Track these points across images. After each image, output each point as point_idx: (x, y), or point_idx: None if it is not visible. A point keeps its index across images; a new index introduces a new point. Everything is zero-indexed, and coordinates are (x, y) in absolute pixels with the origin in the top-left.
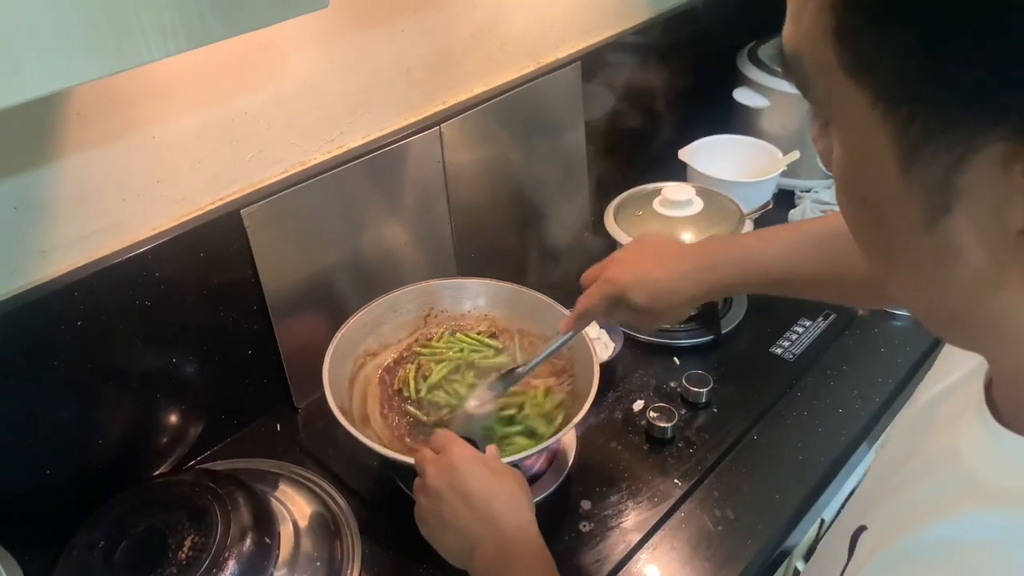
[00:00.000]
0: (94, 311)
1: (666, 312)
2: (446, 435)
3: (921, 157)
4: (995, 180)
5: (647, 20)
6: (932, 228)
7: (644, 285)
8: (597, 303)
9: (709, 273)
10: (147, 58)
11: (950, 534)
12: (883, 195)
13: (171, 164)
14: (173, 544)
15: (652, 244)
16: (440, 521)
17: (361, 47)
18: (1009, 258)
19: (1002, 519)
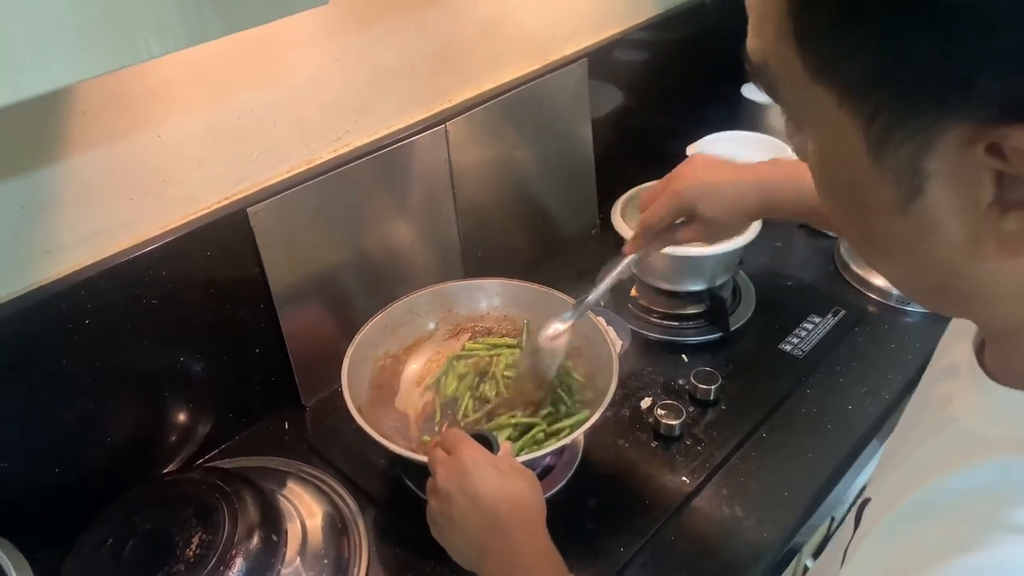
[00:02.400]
0: (101, 310)
1: (729, 225)
2: (457, 435)
3: (889, 146)
4: (961, 160)
5: (654, 16)
6: (907, 210)
7: (712, 195)
8: (664, 215)
9: (773, 188)
10: (146, 55)
11: (949, 487)
12: (858, 184)
13: (177, 163)
14: (181, 542)
15: (713, 160)
16: (450, 523)
17: (366, 45)
18: (983, 230)
19: (1000, 466)
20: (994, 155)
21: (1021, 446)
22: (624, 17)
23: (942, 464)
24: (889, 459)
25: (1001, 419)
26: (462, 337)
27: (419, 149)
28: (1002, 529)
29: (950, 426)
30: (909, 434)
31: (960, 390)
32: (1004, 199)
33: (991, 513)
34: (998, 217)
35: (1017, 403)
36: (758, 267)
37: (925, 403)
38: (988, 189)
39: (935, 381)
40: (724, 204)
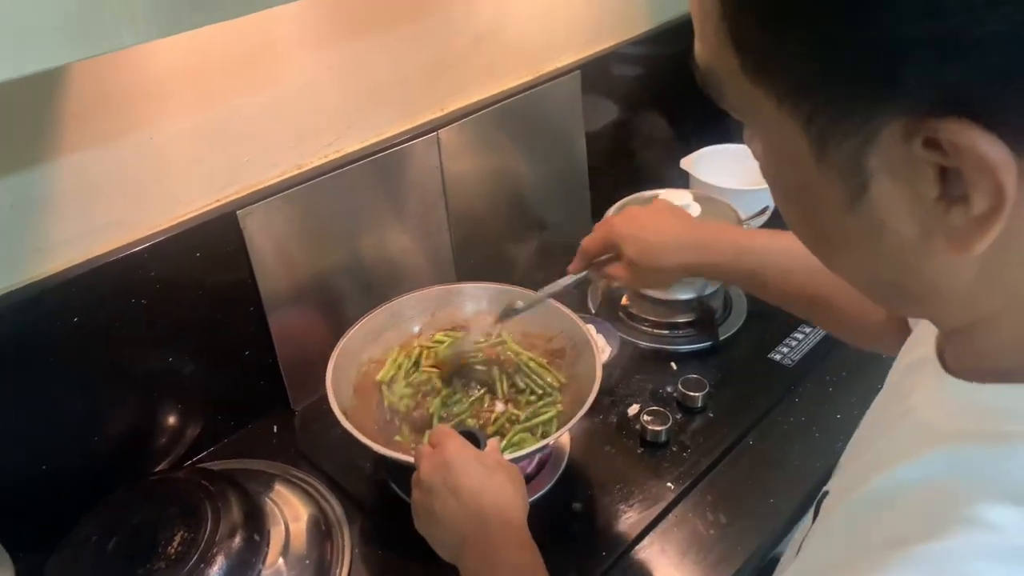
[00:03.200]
0: (91, 308)
1: (650, 273)
2: (444, 430)
3: (830, 146)
4: (901, 156)
5: (648, 30)
6: (855, 209)
7: (638, 240)
8: (595, 244)
9: (699, 251)
10: (118, 44)
11: (902, 477)
12: (805, 185)
13: (168, 165)
14: (163, 540)
15: (663, 213)
16: (431, 515)
17: (359, 52)
18: (931, 226)
19: (948, 455)
20: (933, 149)
21: (970, 437)
22: (617, 30)
23: (897, 455)
24: (850, 453)
25: (954, 410)
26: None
27: (411, 156)
28: (958, 521)
29: (908, 417)
30: (870, 428)
31: (920, 383)
32: (949, 193)
33: (947, 505)
34: (944, 212)
35: (968, 394)
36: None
37: (889, 397)
38: (932, 184)
39: (901, 375)
40: (646, 252)
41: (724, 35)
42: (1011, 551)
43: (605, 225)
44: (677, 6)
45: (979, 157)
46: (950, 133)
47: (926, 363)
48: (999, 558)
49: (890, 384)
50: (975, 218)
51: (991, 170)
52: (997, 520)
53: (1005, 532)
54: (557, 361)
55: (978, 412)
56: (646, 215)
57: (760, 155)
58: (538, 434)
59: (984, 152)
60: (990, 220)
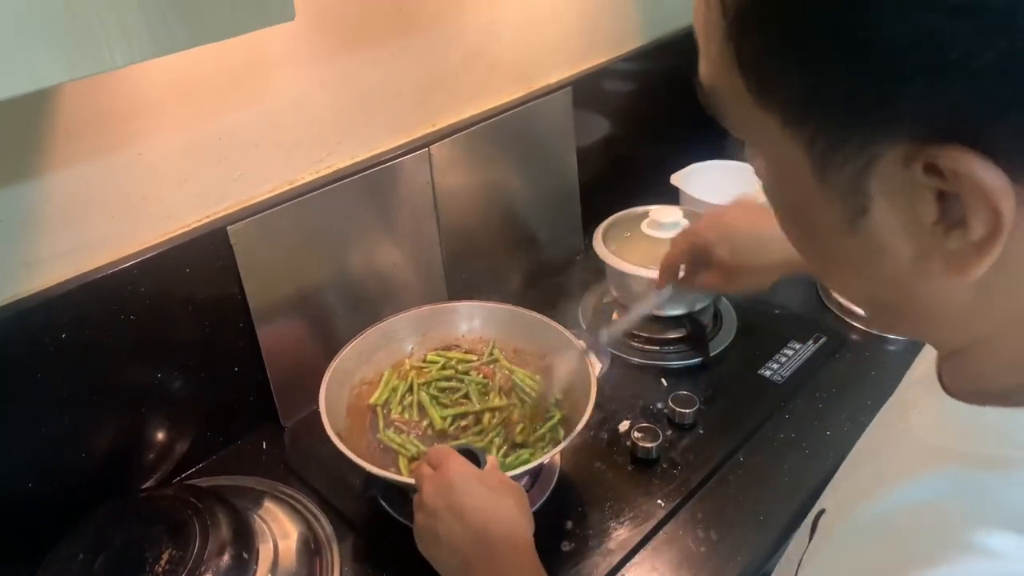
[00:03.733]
0: (79, 324)
1: (749, 272)
2: (444, 450)
3: (831, 167)
4: (901, 180)
5: (639, 47)
6: (855, 229)
7: (729, 238)
8: (680, 254)
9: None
10: (110, 64)
11: (900, 498)
12: (806, 204)
13: (158, 181)
14: (151, 557)
15: (750, 206)
16: (436, 539)
17: (350, 68)
18: (929, 249)
19: (945, 478)
20: (933, 174)
21: (967, 459)
22: (609, 47)
23: (892, 475)
24: (846, 469)
25: (949, 431)
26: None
27: (402, 171)
28: (958, 548)
29: (905, 436)
30: (867, 445)
31: (919, 401)
32: (947, 217)
33: (946, 530)
34: (943, 236)
35: (966, 416)
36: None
37: (892, 412)
38: (931, 208)
39: (905, 390)
40: (742, 249)
41: (729, 56)
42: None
43: (688, 234)
44: (668, 23)
45: (977, 184)
46: (949, 160)
47: (924, 383)
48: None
49: (895, 398)
50: (973, 243)
51: (989, 196)
52: (997, 547)
53: (1005, 559)
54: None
55: (976, 434)
56: (734, 214)
57: (762, 174)
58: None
59: (982, 179)
60: (988, 245)
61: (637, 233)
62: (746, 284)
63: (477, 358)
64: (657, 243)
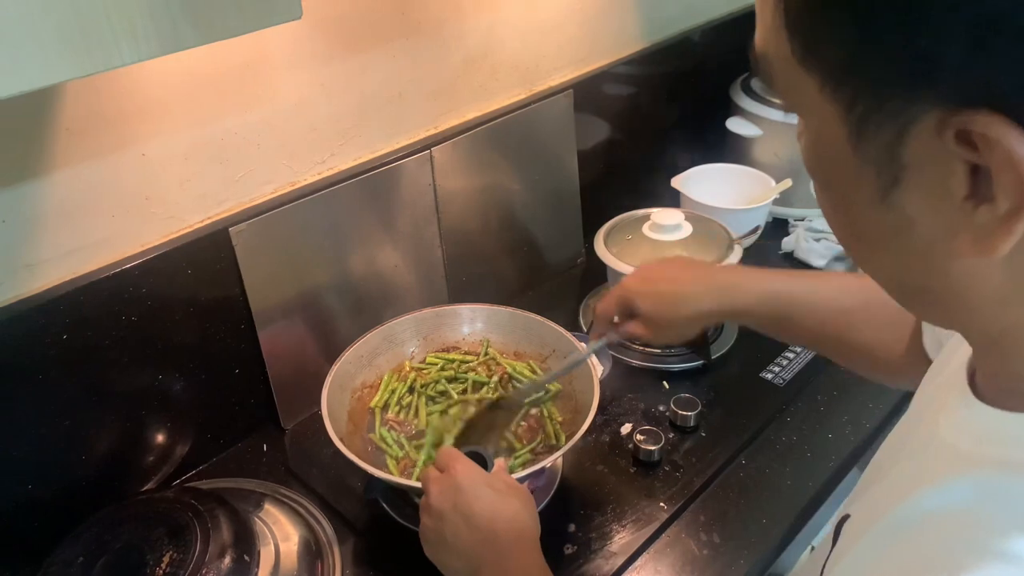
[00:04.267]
0: (80, 326)
1: (671, 325)
2: (451, 453)
3: (867, 133)
4: (934, 150)
5: (640, 50)
6: (886, 202)
7: (652, 293)
8: (608, 306)
9: (720, 296)
10: (118, 62)
11: (927, 505)
12: (841, 174)
13: (160, 182)
14: (151, 560)
15: (677, 263)
16: (443, 542)
17: (352, 71)
18: (958, 224)
19: (976, 483)
20: (965, 144)
21: (997, 464)
22: (609, 50)
23: (919, 480)
24: (872, 475)
25: (978, 436)
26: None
27: (404, 174)
28: (986, 554)
29: (934, 441)
30: (892, 450)
31: (946, 408)
32: (977, 193)
33: (975, 537)
34: (972, 211)
35: (997, 421)
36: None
37: (914, 422)
38: (962, 182)
39: (926, 400)
40: (663, 304)
41: (779, 17)
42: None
43: (617, 288)
44: (669, 27)
45: (1006, 152)
46: (981, 125)
47: (953, 388)
48: None
49: (914, 409)
50: (999, 217)
51: (1018, 167)
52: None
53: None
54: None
55: (1007, 440)
56: (658, 268)
57: (802, 143)
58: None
59: (1011, 147)
60: (1014, 219)
61: (639, 236)
62: (669, 335)
63: (475, 358)
64: (659, 246)
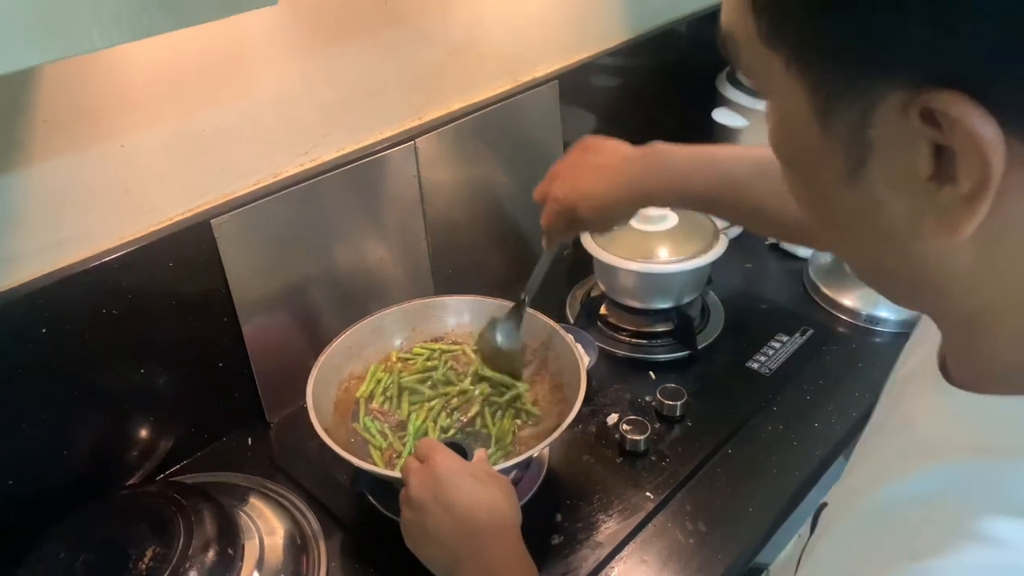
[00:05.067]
0: (60, 320)
1: (614, 219)
2: (431, 444)
3: (834, 113)
4: (899, 129)
5: (626, 41)
6: (854, 182)
7: (588, 201)
8: (555, 221)
9: (641, 182)
10: (88, 47)
11: (902, 491)
12: (808, 155)
13: (140, 174)
14: (134, 555)
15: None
16: (424, 533)
17: (334, 62)
18: (922, 206)
19: (949, 469)
20: (930, 123)
21: (973, 450)
22: (595, 41)
23: (895, 468)
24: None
25: (952, 422)
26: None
27: (388, 165)
28: (964, 536)
29: (908, 429)
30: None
31: (920, 394)
32: (941, 173)
33: (952, 520)
34: (935, 192)
35: (967, 405)
36: (728, 288)
37: (889, 408)
38: (926, 161)
39: (900, 386)
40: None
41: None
42: (1016, 567)
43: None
44: (655, 18)
45: (969, 131)
46: (944, 104)
47: (926, 372)
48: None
49: (888, 394)
50: (962, 197)
51: (980, 146)
52: (1004, 535)
53: (1012, 548)
54: (542, 372)
55: (980, 425)
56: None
57: (769, 123)
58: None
59: (974, 126)
60: (976, 200)
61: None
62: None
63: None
64: (645, 236)
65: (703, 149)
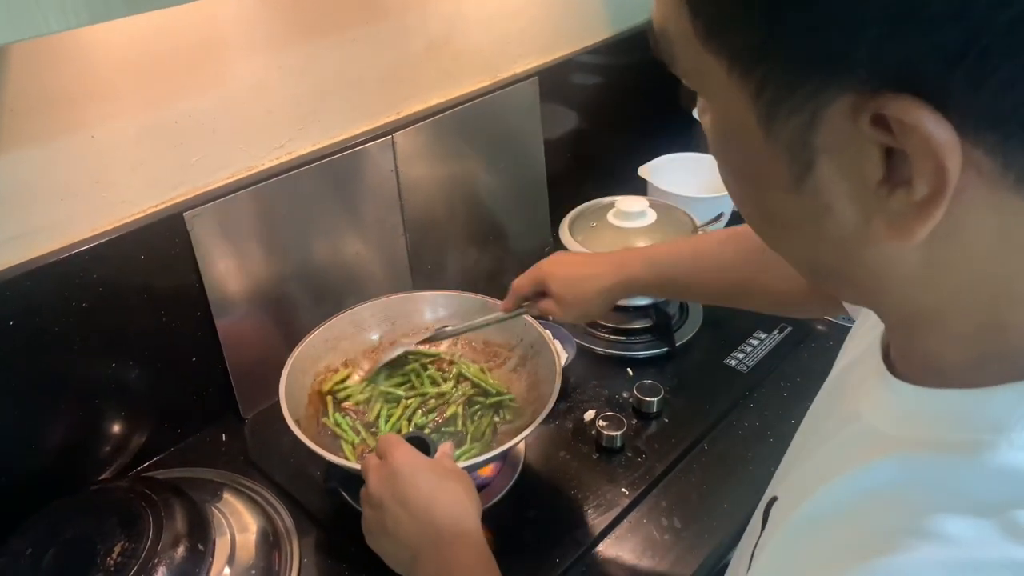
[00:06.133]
0: (28, 312)
1: (576, 302)
2: (391, 440)
3: (778, 118)
4: (848, 134)
5: (607, 38)
6: (800, 188)
7: (562, 274)
8: (525, 283)
9: (619, 272)
10: (44, 30)
11: (850, 487)
12: (752, 160)
13: (111, 165)
14: (102, 550)
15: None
16: (383, 531)
17: (311, 54)
18: (873, 210)
19: (898, 463)
20: (880, 128)
21: (918, 444)
22: (575, 37)
23: (844, 463)
24: (795, 455)
25: (900, 416)
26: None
27: (365, 159)
28: (911, 534)
29: (852, 423)
30: (814, 430)
31: (863, 386)
32: (893, 177)
33: (901, 517)
34: (887, 196)
35: (914, 400)
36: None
37: (833, 395)
38: (877, 166)
39: (843, 375)
40: (569, 284)
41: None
42: (968, 564)
43: (534, 269)
44: (635, 15)
45: (924, 137)
46: (897, 111)
47: (868, 364)
48: (955, 571)
49: (831, 384)
50: (917, 203)
51: (935, 152)
52: (953, 532)
53: (961, 545)
54: (519, 369)
55: (927, 419)
56: (572, 256)
57: (709, 128)
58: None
59: (930, 132)
60: (931, 205)
61: (603, 223)
62: (574, 313)
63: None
64: (623, 233)
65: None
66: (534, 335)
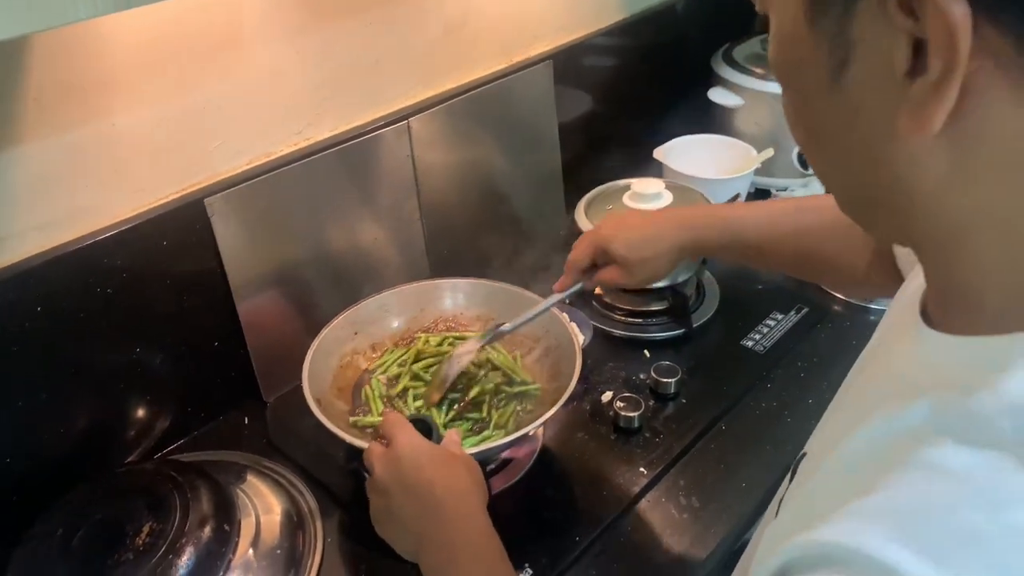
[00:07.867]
0: (54, 298)
1: (644, 264)
2: (395, 422)
3: (820, 10)
4: (879, 24)
5: (622, 20)
6: (836, 87)
7: (624, 236)
8: (583, 253)
9: (687, 231)
10: (72, 17)
11: (882, 430)
12: (799, 61)
13: (133, 153)
14: (131, 531)
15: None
16: (389, 516)
17: (328, 40)
18: (897, 103)
19: (929, 406)
20: (907, 14)
21: (949, 388)
22: (590, 19)
23: (875, 411)
24: (829, 414)
25: (931, 364)
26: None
27: (382, 145)
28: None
29: (888, 373)
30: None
31: (900, 341)
32: (918, 67)
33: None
34: (909, 86)
35: (944, 348)
36: (723, 268)
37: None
38: (904, 55)
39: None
40: (635, 245)
41: None
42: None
43: (590, 234)
44: None
45: (939, 8)
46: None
47: (906, 317)
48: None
49: (868, 349)
50: (933, 83)
51: (948, 25)
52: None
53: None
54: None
55: (957, 365)
56: (628, 214)
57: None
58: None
59: (945, 7)
60: (944, 83)
61: (619, 206)
62: (644, 276)
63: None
64: None
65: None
66: (559, 328)
